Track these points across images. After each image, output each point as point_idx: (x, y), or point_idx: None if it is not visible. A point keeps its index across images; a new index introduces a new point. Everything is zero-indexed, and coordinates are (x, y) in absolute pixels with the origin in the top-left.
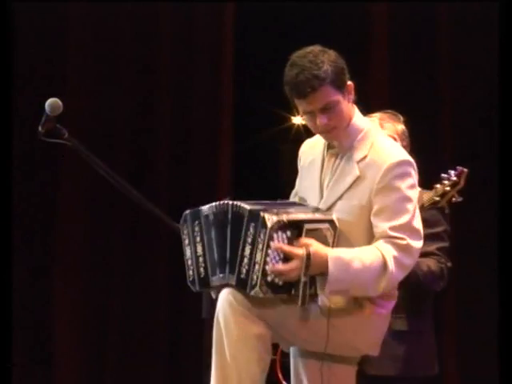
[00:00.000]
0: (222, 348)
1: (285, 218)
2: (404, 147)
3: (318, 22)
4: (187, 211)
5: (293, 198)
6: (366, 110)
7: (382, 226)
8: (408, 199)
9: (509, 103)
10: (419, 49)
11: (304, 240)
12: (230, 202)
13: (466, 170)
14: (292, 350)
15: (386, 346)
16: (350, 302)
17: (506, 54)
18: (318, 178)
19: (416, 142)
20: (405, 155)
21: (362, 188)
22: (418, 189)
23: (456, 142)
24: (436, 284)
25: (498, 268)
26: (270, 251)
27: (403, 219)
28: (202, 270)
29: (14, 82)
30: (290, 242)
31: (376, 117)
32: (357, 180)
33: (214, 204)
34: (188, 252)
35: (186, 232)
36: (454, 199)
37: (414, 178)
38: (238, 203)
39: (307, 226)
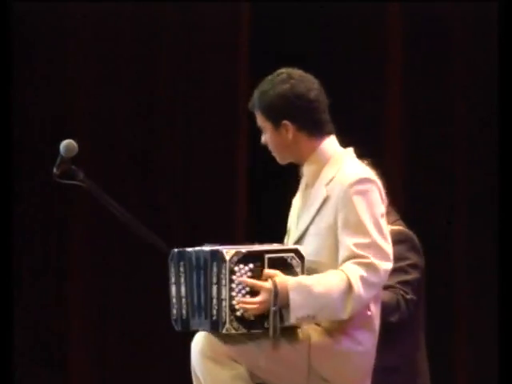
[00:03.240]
0: None
1: (243, 249)
2: None
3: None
4: (175, 250)
5: None
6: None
7: (345, 241)
8: (370, 216)
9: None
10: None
11: (267, 271)
12: (204, 248)
13: None
14: None
15: None
16: (328, 338)
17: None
18: (297, 212)
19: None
20: (367, 173)
21: (329, 208)
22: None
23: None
24: (390, 315)
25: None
26: (233, 285)
27: (366, 237)
28: (184, 311)
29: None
30: (254, 273)
31: None
32: (325, 201)
33: (196, 248)
34: (173, 291)
35: (172, 270)
36: None
37: (376, 194)
38: (206, 247)
39: (268, 256)
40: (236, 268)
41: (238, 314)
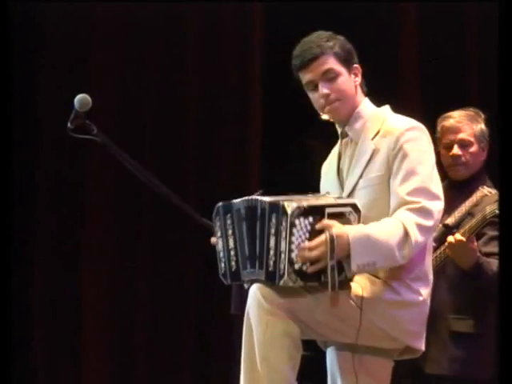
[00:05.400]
0: (252, 347)
1: (305, 203)
2: (481, 148)
3: (348, 21)
4: (220, 203)
5: None
6: (396, 109)
7: (397, 189)
8: (421, 162)
9: None
10: (448, 47)
11: (325, 221)
12: (259, 198)
13: None
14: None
15: (446, 346)
16: (384, 289)
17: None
18: (336, 172)
19: None
20: (416, 122)
21: (378, 160)
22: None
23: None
24: None
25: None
26: (293, 238)
27: (418, 183)
28: (233, 263)
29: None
30: (313, 227)
31: (453, 117)
32: (373, 154)
33: (244, 198)
34: (220, 244)
35: (218, 224)
36: None
37: (426, 142)
38: (263, 198)
39: (329, 210)
40: (296, 221)
41: (296, 266)
